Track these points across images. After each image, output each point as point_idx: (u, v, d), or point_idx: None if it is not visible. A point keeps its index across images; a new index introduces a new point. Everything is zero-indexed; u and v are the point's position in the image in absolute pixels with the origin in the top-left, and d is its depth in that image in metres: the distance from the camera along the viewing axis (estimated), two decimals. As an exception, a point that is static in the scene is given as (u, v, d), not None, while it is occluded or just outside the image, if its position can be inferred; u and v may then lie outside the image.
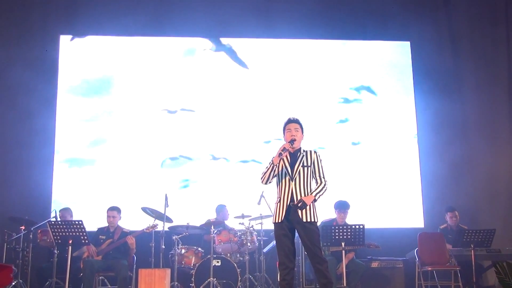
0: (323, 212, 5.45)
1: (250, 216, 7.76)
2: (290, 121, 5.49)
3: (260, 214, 7.63)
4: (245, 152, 9.05)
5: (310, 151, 5.42)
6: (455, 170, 9.13)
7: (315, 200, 5.27)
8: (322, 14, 9.37)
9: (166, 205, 7.37)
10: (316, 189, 5.32)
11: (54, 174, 8.78)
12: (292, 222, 5.25)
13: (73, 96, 9.06)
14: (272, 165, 5.29)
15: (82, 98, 9.05)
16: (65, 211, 7.86)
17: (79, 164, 8.87)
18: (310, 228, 5.23)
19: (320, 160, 5.41)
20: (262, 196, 7.51)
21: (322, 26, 9.36)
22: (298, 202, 5.20)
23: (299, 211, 5.20)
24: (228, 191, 8.80)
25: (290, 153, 5.39)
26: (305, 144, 5.57)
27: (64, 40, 9.20)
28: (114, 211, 7.59)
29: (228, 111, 9.20)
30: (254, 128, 9.14)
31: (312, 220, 5.23)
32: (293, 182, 5.29)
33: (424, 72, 9.49)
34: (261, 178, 5.38)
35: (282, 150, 5.24)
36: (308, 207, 5.22)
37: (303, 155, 5.38)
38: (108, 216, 7.58)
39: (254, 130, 9.13)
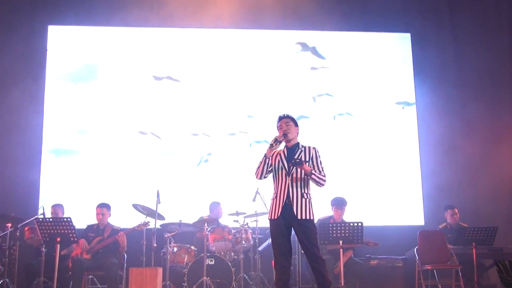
0: (319, 209, 5.41)
1: (245, 213, 7.77)
2: (280, 118, 5.51)
3: (255, 211, 7.63)
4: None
5: (309, 147, 5.42)
6: (457, 166, 9.14)
7: (310, 174, 5.22)
8: (321, 5, 9.33)
9: (158, 201, 7.35)
10: (316, 171, 5.30)
11: (42, 169, 8.75)
12: (288, 219, 5.23)
13: (62, 86, 9.03)
14: (264, 158, 5.26)
15: (70, 88, 9.03)
16: (57, 207, 7.80)
17: (66, 154, 8.83)
18: (306, 226, 5.21)
19: (319, 156, 5.41)
20: (257, 192, 7.50)
21: (321, 17, 9.32)
22: (296, 159, 5.19)
23: (293, 207, 5.16)
24: (222, 187, 8.80)
25: (287, 148, 5.39)
26: (302, 139, 5.55)
27: (53, 30, 9.18)
28: (103, 208, 7.56)
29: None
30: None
31: (308, 217, 5.22)
32: (290, 177, 5.28)
33: (425, 64, 9.50)
34: (256, 173, 5.38)
35: (274, 142, 5.22)
36: (303, 204, 5.19)
37: (301, 150, 5.38)
38: (97, 214, 7.54)
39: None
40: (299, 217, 5.18)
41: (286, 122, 5.43)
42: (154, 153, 8.98)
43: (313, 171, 5.25)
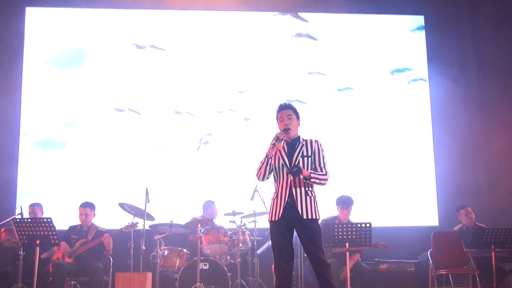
0: (323, 209, 5.40)
1: (242, 213, 7.78)
2: (281, 108, 5.43)
3: (254, 211, 7.66)
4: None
5: (311, 140, 5.38)
6: (473, 162, 9.16)
7: (309, 178, 5.20)
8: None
9: (147, 200, 7.36)
10: (316, 172, 5.28)
11: (20, 164, 8.76)
12: (290, 220, 5.22)
13: (44, 73, 9.05)
14: (266, 158, 5.26)
15: (54, 75, 9.05)
16: (36, 206, 7.78)
17: (50, 148, 8.87)
18: (310, 227, 5.19)
19: (322, 150, 5.37)
20: (255, 190, 7.52)
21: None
22: (294, 167, 5.16)
23: (298, 206, 5.19)
24: (217, 184, 8.83)
25: (287, 143, 5.35)
26: (306, 129, 5.56)
27: (31, 12, 9.17)
28: (86, 207, 7.55)
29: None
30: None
31: (313, 217, 5.20)
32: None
33: (439, 48, 9.49)
34: (257, 175, 5.34)
35: (275, 141, 5.19)
36: (308, 203, 5.19)
37: (302, 145, 5.34)
38: (80, 214, 7.54)
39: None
40: (304, 216, 5.15)
41: (288, 115, 5.37)
42: (143, 148, 9.00)
43: (312, 174, 5.21)
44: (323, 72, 9.37)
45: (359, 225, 6.78)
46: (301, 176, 5.20)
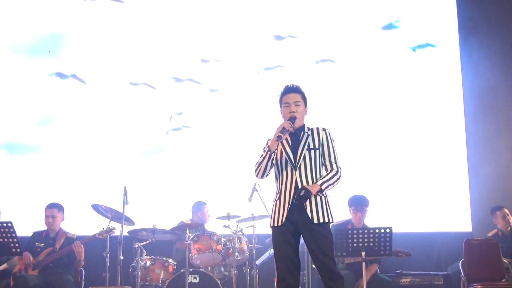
0: (333, 211, 5.34)
1: (239, 216, 7.75)
2: (287, 90, 5.36)
3: (252, 214, 7.64)
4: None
5: (318, 129, 5.33)
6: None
7: (321, 191, 5.17)
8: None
9: (125, 201, 7.37)
10: (324, 177, 5.22)
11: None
12: (296, 224, 5.19)
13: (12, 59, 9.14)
14: (268, 152, 5.21)
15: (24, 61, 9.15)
16: None
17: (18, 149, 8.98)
18: (320, 233, 5.15)
19: (332, 140, 5.32)
20: (254, 189, 7.50)
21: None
22: (300, 191, 5.10)
23: (307, 208, 5.15)
24: (209, 182, 8.87)
25: (290, 133, 5.29)
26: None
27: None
28: (53, 209, 7.53)
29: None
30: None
31: (326, 220, 5.16)
32: (297, 171, 5.21)
33: (472, 20, 9.46)
34: (256, 171, 5.30)
35: (280, 132, 5.12)
36: (319, 204, 5.14)
37: (308, 135, 5.30)
38: (47, 216, 7.51)
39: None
40: (315, 220, 5.11)
41: (296, 101, 5.31)
42: (119, 141, 9.09)
43: (323, 186, 5.16)
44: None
45: (377, 230, 6.77)
46: (313, 160, 5.19)
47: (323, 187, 5.15)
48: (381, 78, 9.36)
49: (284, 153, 5.25)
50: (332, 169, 5.26)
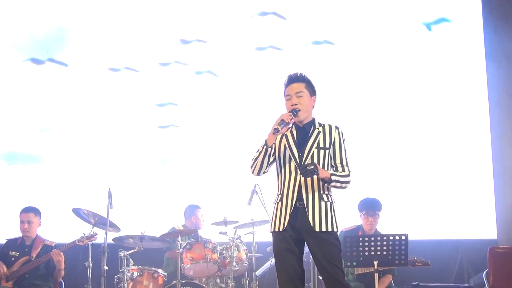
0: (341, 217, 5.30)
1: (237, 222, 7.76)
2: (289, 80, 5.35)
3: (252, 219, 7.66)
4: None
5: (330, 126, 5.32)
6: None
7: (328, 182, 5.14)
8: None
9: (110, 205, 7.35)
10: (336, 171, 5.21)
11: None
12: (299, 231, 5.18)
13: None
14: (265, 146, 5.19)
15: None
16: None
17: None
18: (326, 240, 5.14)
19: (344, 141, 5.32)
20: (254, 191, 7.50)
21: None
22: (309, 164, 5.05)
23: (308, 213, 5.12)
24: (204, 184, 8.90)
25: (298, 127, 5.31)
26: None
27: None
28: (29, 213, 7.52)
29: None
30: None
31: (329, 229, 5.15)
32: (303, 171, 5.20)
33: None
34: (252, 167, 5.30)
35: (278, 124, 5.11)
36: (323, 210, 5.13)
37: (318, 132, 5.29)
38: (22, 222, 7.50)
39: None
40: (317, 228, 5.10)
41: (297, 92, 5.29)
42: (104, 136, 9.18)
43: (333, 177, 5.15)
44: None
45: (391, 237, 6.76)
46: (321, 157, 5.18)
47: (333, 178, 5.13)
48: (394, 63, 9.33)
49: (288, 149, 5.24)
50: (343, 171, 5.25)
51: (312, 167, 4.99)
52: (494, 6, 9.35)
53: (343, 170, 5.24)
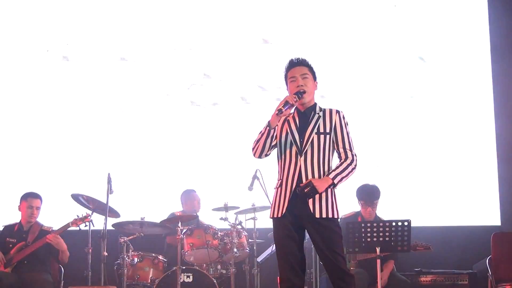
0: (341, 203, 5.31)
1: (238, 207, 7.78)
2: (293, 64, 5.35)
3: (253, 205, 7.67)
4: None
5: (330, 110, 5.31)
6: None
7: (333, 185, 5.15)
8: None
9: (110, 190, 7.34)
10: (337, 168, 5.19)
11: None
12: (299, 216, 5.17)
13: None
14: (268, 128, 5.17)
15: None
16: None
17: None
18: (326, 226, 5.13)
19: (346, 124, 5.30)
20: (255, 176, 7.47)
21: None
22: (305, 187, 5.05)
23: (309, 202, 5.10)
24: (204, 169, 8.88)
25: (299, 112, 5.30)
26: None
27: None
28: (38, 199, 7.54)
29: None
30: None
31: (330, 215, 5.14)
32: (302, 157, 5.19)
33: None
34: (254, 149, 5.30)
35: (282, 106, 5.09)
36: (324, 197, 5.13)
37: (319, 116, 5.28)
38: (30, 207, 7.49)
39: None
40: (317, 215, 5.09)
41: (303, 74, 5.29)
42: (102, 120, 9.18)
43: (336, 180, 5.13)
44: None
45: (394, 223, 6.73)
46: (322, 144, 5.18)
47: (335, 180, 5.13)
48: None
49: (289, 134, 5.24)
50: (346, 157, 5.24)
51: (308, 188, 5.01)
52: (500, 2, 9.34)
53: (346, 156, 5.22)
